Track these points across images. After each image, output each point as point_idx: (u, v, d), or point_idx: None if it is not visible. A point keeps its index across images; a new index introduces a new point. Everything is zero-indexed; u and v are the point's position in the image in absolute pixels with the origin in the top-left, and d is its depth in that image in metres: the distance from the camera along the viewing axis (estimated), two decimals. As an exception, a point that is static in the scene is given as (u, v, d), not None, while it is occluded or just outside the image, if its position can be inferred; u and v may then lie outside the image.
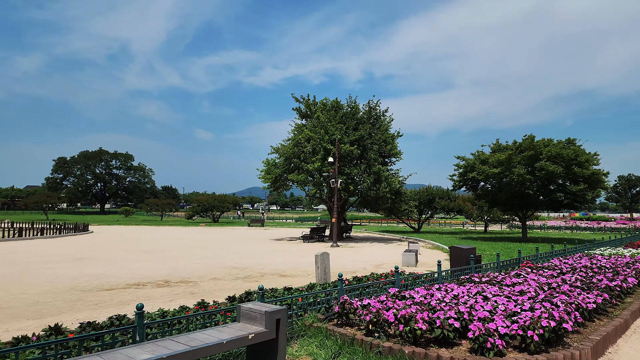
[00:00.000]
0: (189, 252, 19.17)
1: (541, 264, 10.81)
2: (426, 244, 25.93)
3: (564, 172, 25.68)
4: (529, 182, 26.32)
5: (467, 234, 35.93)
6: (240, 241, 26.26)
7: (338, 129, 25.06)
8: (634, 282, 8.49)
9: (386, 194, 25.13)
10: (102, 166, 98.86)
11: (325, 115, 26.04)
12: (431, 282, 8.03)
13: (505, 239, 29.45)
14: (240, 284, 10.71)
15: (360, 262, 15.95)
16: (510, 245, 24.46)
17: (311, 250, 21.01)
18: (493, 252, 19.89)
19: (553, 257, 12.90)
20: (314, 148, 25.15)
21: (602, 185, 26.69)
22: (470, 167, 28.61)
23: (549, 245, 23.90)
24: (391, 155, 26.95)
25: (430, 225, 54.46)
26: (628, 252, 14.35)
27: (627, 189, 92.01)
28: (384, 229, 43.54)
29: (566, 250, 14.10)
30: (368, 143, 25.90)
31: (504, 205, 29.49)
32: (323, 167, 24.25)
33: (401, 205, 28.08)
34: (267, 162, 27.23)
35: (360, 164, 25.72)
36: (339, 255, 18.40)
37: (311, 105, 27.49)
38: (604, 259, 12.13)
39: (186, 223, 57.90)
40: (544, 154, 25.86)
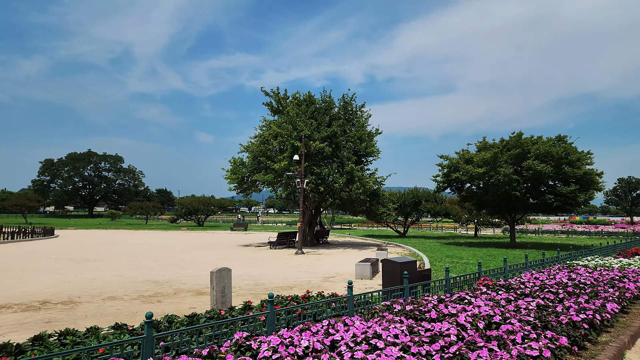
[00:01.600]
0: (127, 261, 17.13)
1: (505, 281, 8.75)
2: (404, 250, 23.84)
3: (554, 171, 23.59)
4: (516, 182, 24.24)
5: (454, 239, 33.83)
6: (201, 248, 24.21)
7: (308, 124, 23.04)
8: (615, 309, 6.42)
9: (359, 196, 23.06)
10: (90, 168, 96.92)
11: (294, 110, 24.03)
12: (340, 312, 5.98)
13: (493, 245, 27.34)
14: (136, 306, 8.69)
15: (312, 274, 13.89)
16: (494, 252, 22.37)
17: (271, 258, 18.96)
18: (471, 261, 17.81)
19: (526, 270, 10.83)
20: (281, 145, 23.13)
21: (596, 187, 24.58)
22: (454, 167, 26.56)
23: (537, 252, 21.80)
24: (367, 154, 24.89)
25: (422, 229, 52.31)
26: (618, 262, 12.28)
27: (628, 191, 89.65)
28: (369, 234, 41.45)
29: (544, 261, 12.03)
30: (341, 140, 23.87)
31: (490, 208, 27.38)
32: (291, 166, 22.23)
33: (378, 208, 25.97)
34: (234, 161, 25.20)
35: (333, 162, 23.69)
36: (294, 265, 16.35)
37: (282, 100, 25.47)
38: (587, 273, 10.06)
39: (169, 227, 55.94)
40: (532, 152, 23.80)
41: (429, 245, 26.11)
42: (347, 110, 25.65)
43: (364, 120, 26.32)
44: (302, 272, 14.40)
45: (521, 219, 31.93)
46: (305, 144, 22.83)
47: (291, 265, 16.17)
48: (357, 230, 48.72)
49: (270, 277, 12.91)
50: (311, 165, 23.41)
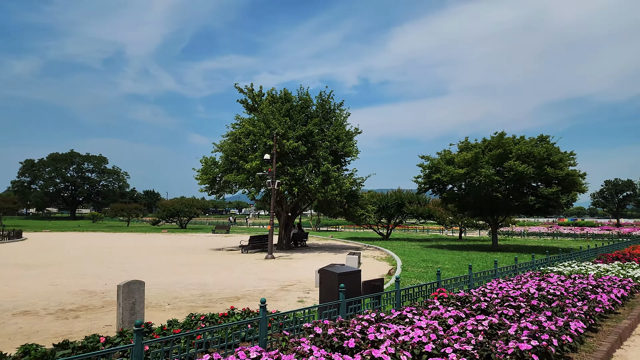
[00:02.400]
0: (75, 267, 15.94)
1: (465, 291, 7.81)
2: (382, 253, 22.92)
3: (536, 172, 22.85)
4: (497, 184, 23.46)
5: (438, 241, 33.00)
6: (169, 252, 23.03)
7: (281, 122, 22.02)
8: (581, 328, 5.49)
9: (335, 197, 22.08)
10: (73, 169, 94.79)
11: (269, 108, 23.00)
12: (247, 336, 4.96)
13: (475, 248, 26.53)
14: (46, 323, 7.61)
15: (271, 282, 12.85)
16: (474, 255, 21.54)
17: (236, 263, 17.89)
18: (446, 265, 16.92)
19: (494, 277, 9.91)
20: (253, 144, 22.08)
21: (579, 188, 23.90)
22: (435, 168, 25.72)
23: (518, 255, 20.99)
24: (345, 154, 23.92)
25: (408, 231, 51.50)
26: (595, 268, 11.43)
27: (614, 194, 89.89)
28: (353, 236, 40.50)
29: (517, 267, 11.13)
30: (318, 139, 22.88)
31: (472, 210, 26.58)
32: (263, 165, 21.18)
33: (356, 209, 25.00)
34: (205, 161, 24.05)
35: (308, 162, 22.68)
36: (257, 271, 15.30)
37: (256, 97, 24.41)
38: (559, 282, 9.18)
39: (150, 229, 54.49)
40: (513, 153, 23.03)
41: (409, 248, 25.23)
42: (324, 109, 24.68)
43: (342, 119, 25.38)
44: (261, 279, 13.36)
45: (504, 221, 31.14)
46: (278, 143, 21.81)
47: (254, 272, 15.13)
48: (341, 233, 47.76)
49: (223, 286, 11.85)
50: (285, 165, 22.38)
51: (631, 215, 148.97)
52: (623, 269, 11.66)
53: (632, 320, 6.94)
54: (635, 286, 9.47)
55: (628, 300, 8.70)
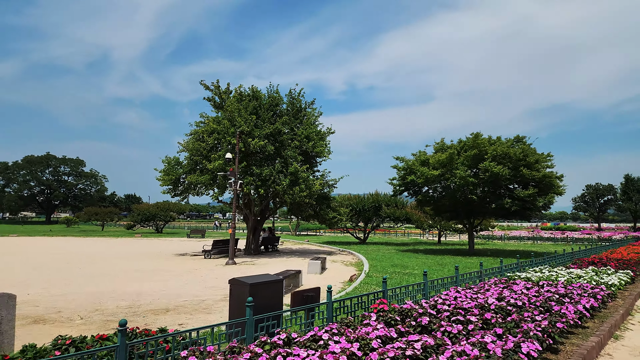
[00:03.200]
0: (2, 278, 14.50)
1: (415, 302, 6.75)
2: (354, 258, 21.86)
3: (512, 174, 22.14)
4: (472, 185, 22.67)
5: (415, 245, 32.12)
6: (128, 257, 21.60)
7: (247, 120, 20.86)
8: (534, 351, 4.46)
9: (303, 199, 20.95)
10: (49, 172, 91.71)
11: (235, 105, 21.84)
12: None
13: (451, 252, 25.68)
14: None
15: (217, 290, 11.66)
16: (447, 260, 20.63)
17: (191, 270, 16.61)
18: (415, 271, 15.93)
19: (454, 285, 8.90)
20: (217, 143, 20.86)
21: (556, 190, 23.27)
22: (409, 170, 24.84)
23: (492, 260, 20.19)
24: (316, 154, 22.83)
25: (389, 235, 50.61)
26: (567, 274, 10.53)
27: (595, 198, 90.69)
28: (331, 240, 39.40)
29: (482, 273, 10.16)
30: (286, 139, 21.77)
31: (448, 213, 25.76)
32: (227, 165, 19.98)
33: (327, 212, 23.90)
34: (168, 161, 22.71)
35: (276, 163, 21.54)
36: (209, 279, 14.07)
37: (223, 94, 23.19)
38: (524, 290, 8.22)
39: (124, 234, 52.57)
40: (489, 154, 22.30)
41: (383, 253, 24.24)
42: (294, 107, 23.61)
43: (314, 118, 24.35)
44: (209, 287, 12.14)
45: (481, 225, 30.52)
46: (243, 142, 20.65)
47: (205, 279, 13.89)
48: (321, 237, 46.61)
49: (159, 296, 10.61)
50: (250, 165, 21.22)
51: (613, 220, 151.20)
52: (597, 275, 10.79)
53: (601, 337, 5.98)
54: (608, 294, 8.57)
55: (599, 311, 7.77)
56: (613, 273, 11.16)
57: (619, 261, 14.81)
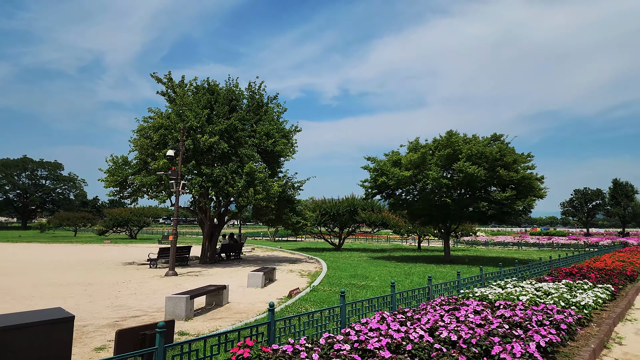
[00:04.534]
0: None
1: (309, 340, 4.83)
2: (317, 266, 19.91)
3: (488, 175, 20.40)
4: (446, 188, 20.90)
5: (392, 252, 30.27)
6: (69, 267, 19.46)
7: (198, 115, 18.93)
8: None
9: (259, 202, 18.99)
10: (26, 176, 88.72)
11: (186, 99, 19.93)
12: None
13: (426, 259, 23.84)
14: None
15: (121, 311, 9.66)
16: (418, 269, 18.76)
17: (125, 281, 14.55)
18: (371, 283, 14.04)
19: (391, 306, 7.02)
20: (163, 139, 18.86)
21: (537, 193, 21.58)
22: (380, 171, 23.03)
23: (465, 268, 18.37)
24: (276, 153, 20.89)
25: (370, 240, 48.71)
26: (533, 290, 8.69)
27: (583, 203, 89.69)
28: (305, 247, 37.39)
29: (430, 290, 8.28)
30: (243, 136, 19.83)
31: (422, 218, 23.95)
32: (173, 164, 17.98)
33: (290, 216, 21.93)
34: (114, 160, 20.63)
35: (231, 162, 19.58)
36: (130, 294, 12.04)
37: (176, 88, 21.22)
38: (471, 314, 6.35)
39: (96, 240, 50.14)
40: (463, 153, 20.55)
41: (353, 261, 22.34)
42: (254, 102, 21.72)
43: (277, 114, 22.49)
44: (113, 307, 10.12)
45: (458, 230, 28.78)
46: (192, 138, 18.69)
47: (122, 295, 11.86)
48: (299, 243, 44.56)
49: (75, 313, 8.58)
50: (200, 164, 19.26)
51: (602, 225, 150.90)
52: (570, 291, 8.98)
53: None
54: (578, 320, 6.73)
55: (563, 346, 5.91)
56: (590, 288, 9.35)
57: (601, 272, 13.05)
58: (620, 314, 8.35)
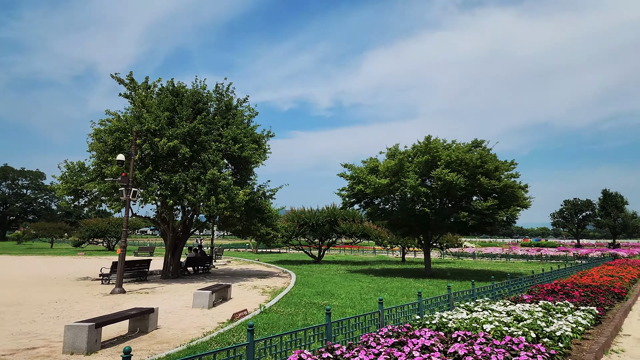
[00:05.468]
0: None
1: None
2: (286, 281, 18.44)
3: (468, 183, 19.21)
4: (424, 196, 19.66)
5: (374, 264, 28.83)
6: (10, 284, 17.81)
7: (157, 117, 17.57)
8: None
9: (222, 211, 17.56)
10: (6, 185, 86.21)
11: (149, 101, 18.59)
12: None
13: (405, 273, 22.47)
14: None
15: (19, 341, 8.17)
16: (393, 284, 17.38)
17: (60, 300, 12.98)
18: (335, 302, 12.64)
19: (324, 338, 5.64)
20: (117, 143, 17.43)
21: (521, 203, 20.41)
22: (357, 179, 21.76)
23: (445, 283, 17.03)
24: (245, 159, 19.51)
25: (355, 251, 47.18)
26: (504, 314, 7.36)
27: (574, 213, 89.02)
28: (286, 259, 35.84)
29: (381, 317, 6.92)
30: (208, 140, 18.46)
31: (401, 228, 22.63)
32: (129, 170, 16.55)
33: (259, 227, 20.46)
34: (69, 166, 19.11)
35: (193, 168, 18.17)
36: (51, 317, 10.50)
37: (139, 89, 19.85)
38: (417, 352, 4.99)
39: (71, 251, 48.16)
40: (442, 159, 19.37)
41: (327, 275, 20.91)
42: (221, 104, 20.42)
43: (247, 118, 21.21)
44: (15, 334, 8.61)
45: (440, 241, 27.46)
46: (149, 142, 17.29)
47: (42, 318, 10.33)
48: (281, 255, 42.93)
49: None
50: (157, 170, 17.84)
51: (593, 236, 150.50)
52: (548, 315, 7.67)
53: None
54: (550, 357, 5.39)
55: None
56: (571, 312, 8.04)
57: (586, 289, 11.78)
58: (605, 343, 7.04)
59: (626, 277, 15.83)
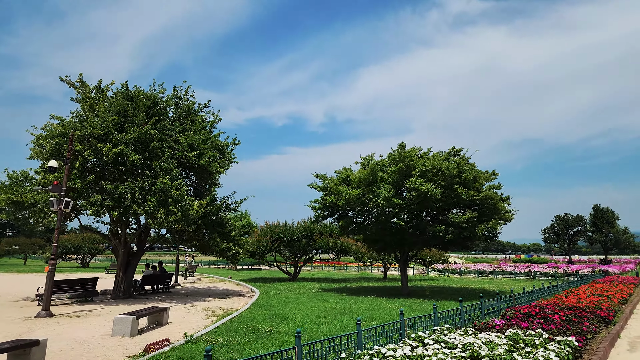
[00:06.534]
0: None
1: None
2: (246, 301, 16.70)
3: (444, 194, 17.79)
4: (398, 208, 18.18)
5: (349, 282, 27.07)
6: None
7: (104, 121, 16.04)
8: None
9: (173, 224, 15.89)
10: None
11: (99, 104, 17.10)
12: None
13: (380, 292, 20.79)
14: None
15: None
16: (362, 304, 15.71)
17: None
18: (283, 328, 10.97)
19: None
20: (57, 149, 15.83)
21: (504, 216, 19.02)
22: (328, 190, 20.27)
23: (419, 304, 15.43)
24: (202, 169, 17.96)
25: (339, 268, 45.33)
26: (460, 349, 5.81)
27: (565, 229, 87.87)
28: (263, 277, 33.98)
29: (298, 353, 5.34)
30: (160, 147, 16.92)
31: (376, 243, 21.05)
32: (69, 179, 14.93)
33: (218, 242, 18.76)
34: (10, 176, 17.41)
35: (144, 177, 16.57)
36: None
37: (89, 93, 18.33)
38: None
39: (41, 268, 45.75)
40: (417, 168, 17.98)
41: (294, 294, 19.19)
42: (180, 109, 18.98)
43: (209, 124, 19.76)
44: None
45: (425, 256, 25.94)
46: (94, 148, 15.72)
47: None
48: (260, 272, 40.99)
49: None
50: (103, 179, 16.23)
51: (586, 252, 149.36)
52: (514, 348, 6.12)
53: None
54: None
55: None
56: (543, 344, 6.48)
57: (569, 312, 10.26)
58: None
59: (616, 296, 14.35)
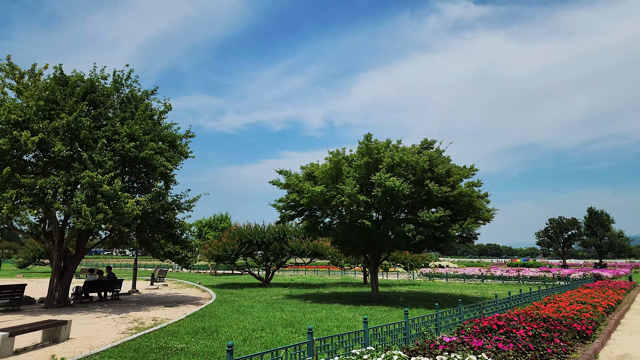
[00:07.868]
0: None
1: None
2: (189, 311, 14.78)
3: (414, 190, 15.96)
4: (365, 206, 16.34)
5: (322, 288, 25.13)
6: None
7: (27, 107, 14.20)
8: None
9: (101, 223, 13.98)
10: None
11: (28, 90, 15.26)
12: None
13: (347, 299, 18.89)
14: None
15: None
16: (318, 314, 13.82)
17: None
18: (195, 349, 9.08)
19: None
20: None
21: (483, 215, 17.19)
22: (292, 187, 18.44)
23: (387, 313, 13.55)
24: (143, 161, 16.06)
25: (322, 273, 43.33)
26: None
27: (559, 232, 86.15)
28: (233, 282, 32.02)
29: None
30: (92, 136, 15.04)
31: (343, 245, 19.18)
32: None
33: (163, 244, 16.84)
34: None
35: (72, 169, 14.68)
36: None
37: (19, 78, 16.49)
38: None
39: (14, 272, 43.72)
40: (384, 162, 16.17)
41: (253, 302, 17.29)
42: (121, 96, 17.13)
43: (157, 113, 17.93)
44: None
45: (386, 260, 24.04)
46: (9, 137, 13.84)
47: None
48: (238, 277, 38.99)
49: None
50: (21, 171, 14.34)
51: (581, 256, 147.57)
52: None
53: None
54: None
55: None
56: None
57: (540, 324, 8.43)
58: None
59: (602, 304, 12.52)
